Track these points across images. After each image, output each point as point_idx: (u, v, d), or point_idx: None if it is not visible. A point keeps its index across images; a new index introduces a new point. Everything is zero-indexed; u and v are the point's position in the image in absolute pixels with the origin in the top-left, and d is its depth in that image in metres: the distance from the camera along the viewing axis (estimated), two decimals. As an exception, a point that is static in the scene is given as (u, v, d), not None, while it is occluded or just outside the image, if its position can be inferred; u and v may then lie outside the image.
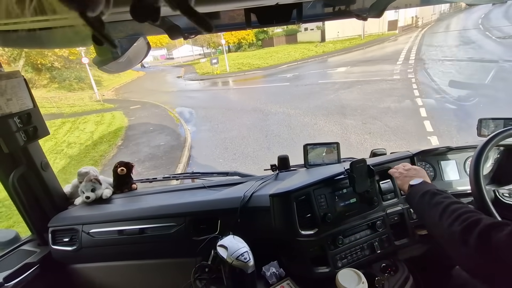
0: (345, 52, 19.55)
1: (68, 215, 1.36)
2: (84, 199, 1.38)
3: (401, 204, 1.17)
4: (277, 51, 27.09)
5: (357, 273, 0.95)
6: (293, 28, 31.33)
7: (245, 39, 34.09)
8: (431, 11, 28.87)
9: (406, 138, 5.27)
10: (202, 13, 0.30)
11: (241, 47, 35.41)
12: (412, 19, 26.53)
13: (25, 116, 1.12)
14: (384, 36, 23.10)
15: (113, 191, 1.49)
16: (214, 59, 20.62)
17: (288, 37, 33.06)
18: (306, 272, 1.02)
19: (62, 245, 1.31)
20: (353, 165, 1.05)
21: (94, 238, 1.27)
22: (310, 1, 0.74)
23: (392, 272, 1.06)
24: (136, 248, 1.26)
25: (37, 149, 1.28)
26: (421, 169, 1.01)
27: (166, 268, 1.28)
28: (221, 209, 1.20)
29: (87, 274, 1.37)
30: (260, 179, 1.38)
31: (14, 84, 1.08)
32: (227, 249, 0.92)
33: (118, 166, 1.49)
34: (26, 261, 1.24)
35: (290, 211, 1.02)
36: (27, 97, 1.14)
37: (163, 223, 1.23)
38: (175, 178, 1.59)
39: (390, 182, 1.18)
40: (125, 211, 1.31)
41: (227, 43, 33.46)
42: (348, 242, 1.07)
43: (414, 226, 1.17)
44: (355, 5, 0.86)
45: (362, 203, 1.13)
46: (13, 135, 1.07)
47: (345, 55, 18.70)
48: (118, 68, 1.00)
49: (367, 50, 18.94)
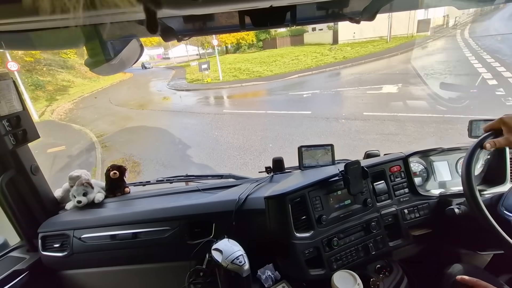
0: (374, 58, 14.94)
1: (58, 220, 1.33)
2: (76, 203, 1.36)
3: (395, 205, 1.18)
4: (282, 54, 22.85)
5: (352, 274, 0.95)
6: (300, 28, 27.19)
7: (244, 40, 30.50)
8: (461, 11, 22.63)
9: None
10: (197, 15, 0.30)
11: (240, 48, 32.29)
12: (443, 19, 21.58)
13: (14, 119, 1.10)
14: (416, 38, 18.43)
15: (105, 195, 1.46)
16: (204, 64, 16.54)
17: (293, 38, 29.10)
18: (301, 274, 1.02)
19: (53, 251, 1.28)
20: (347, 167, 1.05)
21: (86, 243, 1.25)
22: (304, 3, 0.74)
23: (387, 273, 1.07)
24: (129, 253, 1.24)
25: (26, 153, 1.25)
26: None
27: (160, 273, 1.27)
28: (215, 212, 1.19)
29: (79, 281, 1.34)
30: (255, 182, 1.37)
31: (3, 87, 1.05)
32: (222, 253, 0.91)
33: (111, 170, 1.46)
34: (14, 268, 1.20)
35: (285, 213, 1.02)
36: (16, 99, 1.11)
37: (157, 227, 1.21)
38: (168, 182, 1.57)
39: (384, 183, 1.19)
40: (118, 215, 1.29)
41: (224, 43, 31.02)
42: (343, 244, 1.07)
43: (408, 226, 1.18)
44: (348, 8, 0.86)
45: (356, 204, 1.13)
46: (1, 139, 1.05)
47: (376, 62, 14.25)
48: (111, 70, 0.99)
49: (406, 56, 14.16)
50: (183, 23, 0.81)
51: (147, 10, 0.27)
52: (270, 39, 30.59)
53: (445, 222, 1.16)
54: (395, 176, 1.22)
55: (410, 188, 1.23)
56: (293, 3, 0.70)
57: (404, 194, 1.22)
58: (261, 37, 30.73)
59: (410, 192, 1.23)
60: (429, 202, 1.20)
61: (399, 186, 1.22)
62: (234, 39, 29.78)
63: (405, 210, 1.18)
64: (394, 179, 1.22)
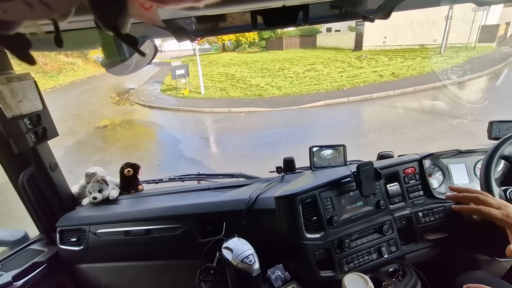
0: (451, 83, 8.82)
1: (75, 215, 1.37)
2: (91, 199, 1.40)
3: (408, 208, 1.15)
4: (291, 59, 17.24)
5: (363, 277, 0.94)
6: (312, 28, 22.24)
7: (245, 37, 25.91)
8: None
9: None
10: (210, 15, 0.30)
11: (240, 45, 27.65)
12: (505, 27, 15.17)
13: (35, 118, 1.14)
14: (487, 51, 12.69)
15: (119, 192, 1.50)
16: (179, 68, 10.89)
17: (303, 39, 24.04)
18: (311, 275, 1.01)
19: (70, 245, 1.32)
20: (360, 168, 1.03)
21: (101, 238, 1.28)
22: (317, 2, 0.74)
23: (400, 277, 1.04)
24: (141, 249, 1.27)
25: (46, 150, 1.30)
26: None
27: (171, 270, 1.29)
28: (226, 211, 1.20)
29: (93, 274, 1.39)
30: (266, 181, 1.37)
31: (25, 86, 1.10)
32: (232, 251, 0.91)
33: (125, 168, 1.50)
34: (34, 260, 1.26)
35: (295, 214, 1.02)
36: (37, 98, 1.16)
37: (169, 224, 1.23)
38: (180, 180, 1.59)
39: (398, 185, 1.17)
40: (131, 212, 1.32)
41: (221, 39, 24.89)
42: (355, 246, 1.05)
43: (422, 230, 1.15)
44: (362, 6, 0.85)
45: (369, 206, 1.11)
46: (23, 136, 1.09)
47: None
48: (126, 70, 1.02)
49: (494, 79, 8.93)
50: (196, 24, 0.82)
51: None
52: (275, 39, 25.19)
53: (461, 227, 1.12)
54: (409, 178, 1.19)
55: (425, 190, 1.20)
56: (305, 2, 0.70)
57: (419, 196, 1.18)
58: (264, 35, 24.81)
59: (425, 195, 1.19)
60: (445, 206, 1.16)
61: (413, 188, 1.19)
62: (233, 36, 24.25)
63: (420, 213, 1.15)
64: (408, 181, 1.19)
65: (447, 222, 1.16)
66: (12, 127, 1.05)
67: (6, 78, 1.02)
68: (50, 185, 1.33)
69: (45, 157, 1.28)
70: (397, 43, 16.73)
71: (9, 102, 1.03)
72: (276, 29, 4.22)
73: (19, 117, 1.07)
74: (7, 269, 1.18)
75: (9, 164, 1.20)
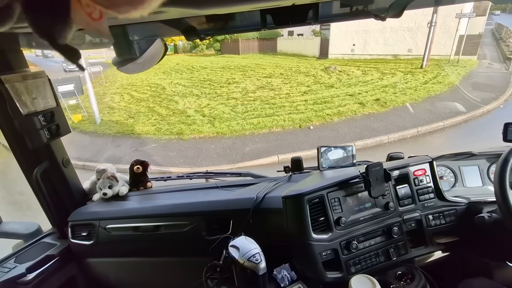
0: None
1: (86, 211, 1.41)
2: (102, 195, 1.43)
3: (418, 210, 1.13)
4: (245, 67, 13.95)
5: (371, 279, 0.93)
6: (272, 30, 17.70)
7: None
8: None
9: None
10: (217, 14, 0.30)
11: (197, 46, 23.84)
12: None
13: (49, 115, 1.17)
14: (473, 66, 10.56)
15: (129, 189, 1.53)
16: (64, 83, 7.51)
17: (262, 43, 20.65)
18: (318, 276, 1.01)
19: (81, 239, 1.36)
20: (368, 169, 1.02)
21: (110, 233, 1.31)
22: (327, 1, 0.73)
23: (408, 280, 1.03)
24: (149, 245, 1.29)
25: (59, 146, 1.33)
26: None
27: (178, 266, 1.30)
28: (233, 210, 1.21)
29: (103, 268, 1.42)
30: (273, 181, 1.37)
31: (40, 84, 1.13)
32: (239, 250, 0.92)
33: (134, 165, 1.53)
34: (47, 253, 1.29)
35: (303, 214, 1.01)
36: (51, 96, 1.18)
37: (177, 221, 1.24)
38: (189, 178, 1.61)
39: (408, 187, 1.15)
40: (140, 208, 1.34)
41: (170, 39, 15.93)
42: (362, 248, 1.04)
43: (432, 233, 1.12)
44: (373, 4, 0.83)
45: (377, 208, 1.10)
46: (37, 132, 1.12)
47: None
48: (136, 68, 1.03)
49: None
50: (206, 22, 0.82)
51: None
52: (230, 41, 21.21)
53: (473, 231, 1.09)
54: (419, 180, 1.17)
55: (436, 193, 1.17)
56: (315, 0, 0.69)
57: (429, 199, 1.16)
58: (219, 37, 19.71)
59: (435, 197, 1.17)
60: (456, 209, 1.14)
61: (423, 190, 1.16)
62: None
63: (430, 216, 1.12)
64: (418, 183, 1.17)
65: (458, 226, 1.13)
66: (27, 124, 1.08)
67: (21, 76, 1.05)
68: (63, 181, 1.37)
69: (58, 153, 1.31)
70: (367, 52, 14.47)
71: (25, 99, 1.06)
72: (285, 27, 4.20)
73: (34, 114, 1.10)
74: (21, 261, 1.22)
75: (24, 160, 1.23)
